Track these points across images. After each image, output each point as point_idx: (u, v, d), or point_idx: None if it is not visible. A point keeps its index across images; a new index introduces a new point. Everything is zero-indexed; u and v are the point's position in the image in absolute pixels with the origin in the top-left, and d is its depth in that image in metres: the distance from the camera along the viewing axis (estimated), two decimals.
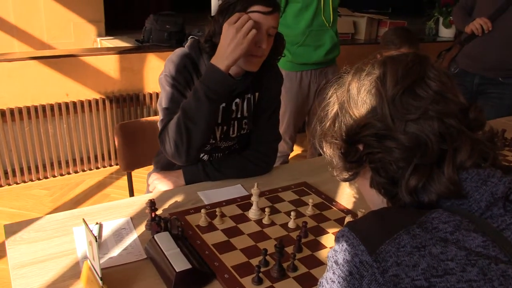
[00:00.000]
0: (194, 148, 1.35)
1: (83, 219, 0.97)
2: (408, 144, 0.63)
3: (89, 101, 3.17)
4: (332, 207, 1.34)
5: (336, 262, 0.61)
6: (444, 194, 0.62)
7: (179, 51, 1.42)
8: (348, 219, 1.19)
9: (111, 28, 3.96)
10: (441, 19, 4.78)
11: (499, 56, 2.50)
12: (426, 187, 0.63)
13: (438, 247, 0.55)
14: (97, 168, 3.38)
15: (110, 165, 3.44)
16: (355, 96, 0.70)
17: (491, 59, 2.53)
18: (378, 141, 0.66)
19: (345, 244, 0.60)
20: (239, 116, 1.51)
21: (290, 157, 2.82)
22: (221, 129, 1.50)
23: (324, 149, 0.77)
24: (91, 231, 0.91)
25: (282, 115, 1.61)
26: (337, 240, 0.63)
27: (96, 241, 0.89)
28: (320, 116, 0.77)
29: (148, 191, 1.61)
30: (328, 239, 1.17)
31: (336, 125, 0.73)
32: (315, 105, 2.58)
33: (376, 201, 0.72)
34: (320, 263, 1.07)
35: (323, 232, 1.21)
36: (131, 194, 1.87)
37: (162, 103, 1.42)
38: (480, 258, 0.54)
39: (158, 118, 1.86)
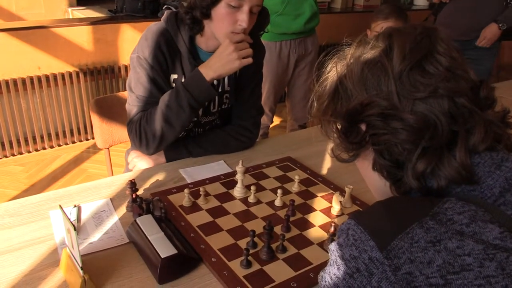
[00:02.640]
0: (164, 145, 1.34)
1: (60, 205, 0.89)
2: (416, 125, 0.57)
3: (62, 74, 3.01)
4: (319, 183, 1.29)
5: (341, 257, 0.55)
6: (454, 180, 0.57)
7: (154, 27, 1.31)
8: (336, 197, 1.14)
9: None
10: None
11: (470, 18, 2.59)
12: (435, 171, 0.58)
13: (454, 241, 0.50)
14: (73, 142, 3.24)
15: (87, 139, 3.31)
16: (358, 71, 0.62)
17: (463, 23, 2.62)
18: (383, 121, 0.59)
19: (351, 239, 0.55)
20: (220, 90, 1.43)
21: (271, 125, 2.75)
22: None
23: (323, 128, 0.70)
24: (69, 219, 0.84)
25: (261, 87, 1.53)
26: (342, 233, 0.57)
27: (75, 229, 0.81)
28: (317, 92, 0.70)
29: (127, 169, 1.53)
30: (316, 217, 1.13)
31: (336, 102, 0.65)
32: (294, 75, 2.50)
33: (378, 184, 0.66)
34: (310, 243, 1.02)
35: (311, 210, 1.16)
36: (110, 171, 1.78)
37: (131, 85, 1.32)
38: (498, 251, 0.49)
39: None
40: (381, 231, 0.53)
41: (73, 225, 0.82)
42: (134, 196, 1.13)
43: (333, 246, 0.58)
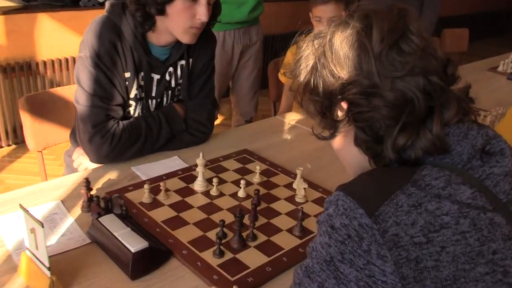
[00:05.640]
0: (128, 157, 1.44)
1: (20, 205, 0.93)
2: (396, 102, 0.68)
3: None
4: (279, 173, 1.41)
5: (331, 227, 0.65)
6: (429, 150, 0.68)
7: (99, 20, 1.34)
8: (300, 184, 1.26)
9: None
10: None
11: None
12: (413, 144, 0.69)
13: (433, 204, 0.62)
14: None
15: (1, 147, 3.20)
16: (338, 50, 0.71)
17: None
18: (366, 99, 0.69)
19: (341, 208, 0.65)
20: (173, 85, 1.51)
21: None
22: (155, 101, 1.49)
23: (304, 106, 0.79)
24: (34, 217, 0.88)
25: (214, 78, 1.62)
26: (330, 204, 0.67)
27: (43, 226, 0.86)
28: (293, 70, 0.79)
29: (69, 171, 1.56)
30: (281, 205, 1.24)
31: (314, 80, 0.75)
32: (239, 67, 2.61)
33: (357, 160, 0.77)
34: (278, 230, 1.14)
35: (275, 199, 1.27)
36: (44, 176, 1.79)
37: (85, 86, 1.33)
38: (471, 209, 0.62)
39: (68, 87, 1.81)
40: (369, 199, 0.63)
41: (41, 223, 0.86)
42: (88, 195, 1.18)
43: (322, 218, 0.68)
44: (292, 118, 1.90)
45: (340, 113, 0.74)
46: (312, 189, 1.32)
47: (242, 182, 1.27)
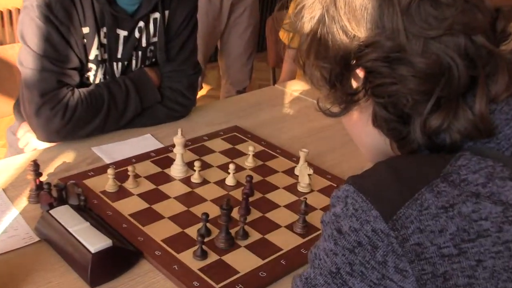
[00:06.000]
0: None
1: None
2: (428, 71, 0.63)
3: None
4: (278, 155, 1.40)
5: (338, 230, 0.64)
6: (470, 134, 0.66)
7: None
8: (303, 169, 1.25)
9: None
10: None
11: None
12: (448, 126, 0.66)
13: (469, 205, 0.59)
14: None
15: None
16: (353, 1, 0.67)
17: None
18: (389, 67, 0.65)
19: (351, 208, 0.63)
20: (144, 45, 1.49)
21: (198, 95, 2.82)
22: (121, 65, 1.48)
23: (306, 73, 0.77)
24: None
25: (197, 37, 1.60)
26: (337, 201, 0.66)
27: None
28: (294, 23, 0.75)
29: (12, 153, 1.55)
30: (280, 196, 1.24)
31: (320, 38, 0.71)
32: (230, 24, 2.59)
33: (375, 143, 0.74)
34: (276, 226, 1.13)
35: (272, 187, 1.27)
36: None
37: (31, 44, 1.32)
38: None
39: (10, 46, 1.79)
40: (386, 198, 0.61)
41: None
42: (38, 182, 1.17)
43: (327, 218, 0.67)
44: (295, 88, 1.89)
45: (354, 84, 0.71)
46: (318, 175, 1.31)
47: (231, 166, 1.26)
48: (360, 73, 0.69)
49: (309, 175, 1.25)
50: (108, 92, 1.41)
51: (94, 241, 0.98)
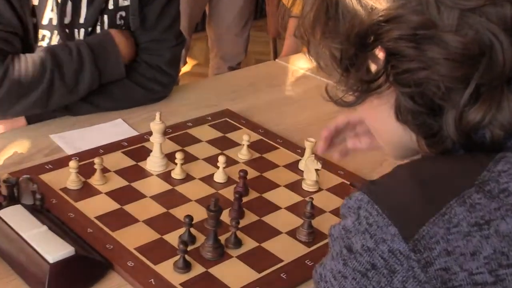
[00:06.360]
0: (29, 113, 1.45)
1: None
2: (465, 52, 0.62)
3: None
4: (279, 146, 1.42)
5: (349, 249, 0.64)
6: None
7: None
8: (309, 163, 1.26)
9: None
10: None
11: None
12: (490, 120, 0.65)
13: (509, 221, 0.58)
14: None
15: None
16: None
17: None
18: (416, 48, 0.64)
19: (364, 222, 0.63)
20: (111, 7, 1.50)
21: (181, 72, 2.83)
22: (84, 32, 1.48)
23: (312, 53, 0.76)
24: None
25: (180, 2, 1.61)
26: (348, 211, 0.66)
27: None
28: None
29: None
30: (280, 195, 1.25)
31: (330, 10, 0.70)
32: None
33: (397, 138, 0.75)
34: (275, 232, 1.15)
35: (271, 185, 1.28)
36: None
37: None
38: None
39: None
40: (406, 211, 0.61)
41: None
42: None
43: (336, 231, 0.67)
44: (301, 63, 1.90)
45: (373, 67, 0.70)
46: (328, 171, 1.33)
47: (221, 159, 1.27)
48: (379, 53, 0.68)
49: (316, 170, 1.27)
50: (52, 58, 1.39)
51: (52, 249, 0.99)
